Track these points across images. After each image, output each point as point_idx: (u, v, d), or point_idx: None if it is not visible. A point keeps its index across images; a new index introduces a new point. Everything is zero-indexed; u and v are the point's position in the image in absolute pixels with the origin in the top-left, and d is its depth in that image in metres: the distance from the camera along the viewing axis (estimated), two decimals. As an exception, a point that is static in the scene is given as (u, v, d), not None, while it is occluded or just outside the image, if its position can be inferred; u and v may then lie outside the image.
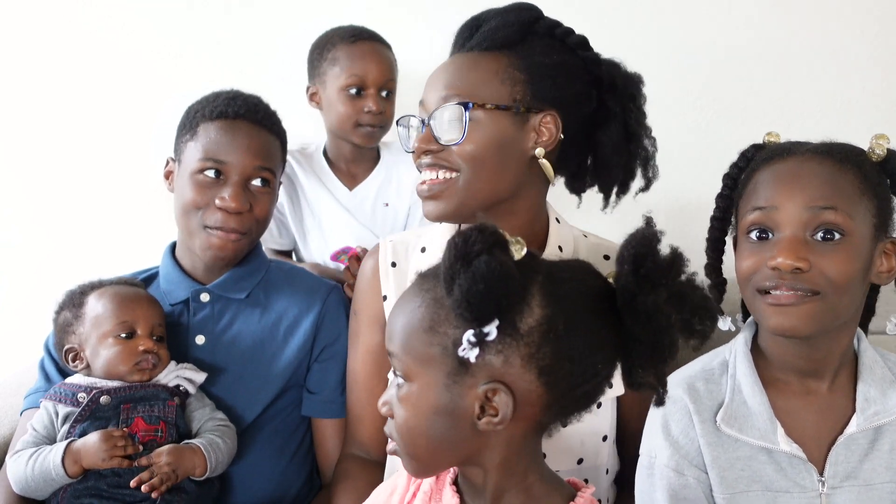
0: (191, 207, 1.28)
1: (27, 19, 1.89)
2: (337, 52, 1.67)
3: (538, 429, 0.80)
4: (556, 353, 0.74)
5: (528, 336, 0.74)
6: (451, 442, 0.78)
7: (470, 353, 0.74)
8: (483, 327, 0.73)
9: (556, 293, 0.76)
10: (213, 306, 1.34)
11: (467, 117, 1.09)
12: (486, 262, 0.71)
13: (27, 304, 1.46)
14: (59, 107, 1.92)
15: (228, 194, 1.26)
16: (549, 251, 1.20)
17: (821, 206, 0.95)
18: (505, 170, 1.11)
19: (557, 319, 0.75)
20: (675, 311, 0.74)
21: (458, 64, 1.13)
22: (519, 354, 0.74)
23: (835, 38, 1.84)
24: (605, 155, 1.16)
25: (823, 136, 1.19)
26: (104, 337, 1.24)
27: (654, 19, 1.84)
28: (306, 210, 1.77)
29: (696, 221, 1.93)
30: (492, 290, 0.71)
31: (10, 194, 1.97)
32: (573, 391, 0.77)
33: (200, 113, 1.30)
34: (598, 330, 0.76)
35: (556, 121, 1.11)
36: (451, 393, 0.76)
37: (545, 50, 1.12)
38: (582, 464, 1.18)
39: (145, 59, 1.90)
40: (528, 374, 0.75)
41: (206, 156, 1.27)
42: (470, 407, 0.76)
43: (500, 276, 0.71)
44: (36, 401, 1.29)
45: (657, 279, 0.75)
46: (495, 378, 0.75)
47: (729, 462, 1.04)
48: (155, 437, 1.20)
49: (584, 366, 0.76)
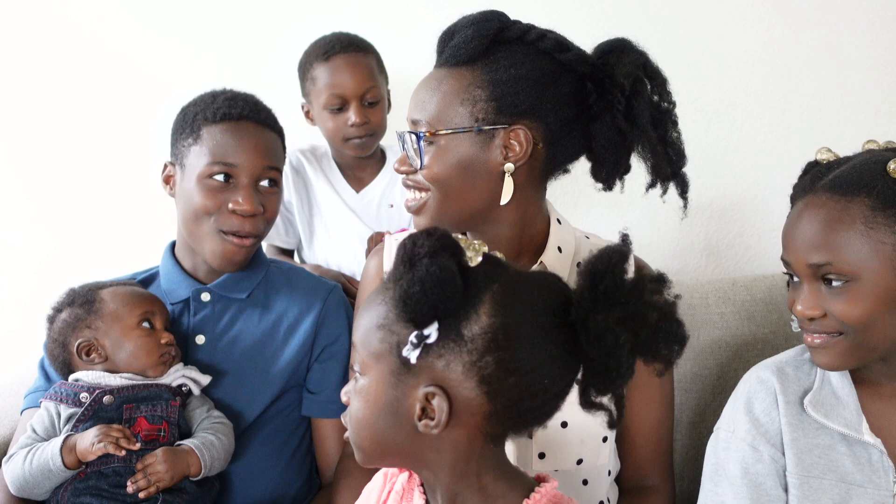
0: (202, 213, 1.27)
1: (27, 20, 1.89)
2: (314, 72, 1.67)
3: (486, 437, 0.78)
4: (499, 363, 0.73)
5: (472, 343, 0.74)
6: (393, 439, 0.78)
7: (411, 354, 0.74)
8: (422, 329, 0.74)
9: (507, 304, 0.75)
10: (213, 306, 1.34)
11: (421, 146, 1.11)
12: (426, 265, 0.72)
13: (27, 304, 1.45)
14: (58, 107, 1.92)
15: (242, 197, 1.26)
16: (548, 252, 1.19)
17: (816, 263, 1.00)
18: (473, 188, 1.12)
19: (504, 330, 0.74)
20: (628, 332, 0.72)
21: (427, 84, 1.14)
22: (461, 361, 0.74)
23: (835, 38, 1.84)
24: (599, 148, 1.14)
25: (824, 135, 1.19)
26: (129, 329, 1.25)
27: (653, 19, 1.84)
28: (315, 208, 1.78)
29: (696, 221, 1.94)
30: (427, 293, 0.72)
31: (10, 194, 1.97)
32: (517, 405, 0.75)
33: (201, 115, 1.29)
34: (547, 346, 0.75)
35: (526, 133, 1.09)
36: (396, 391, 0.77)
37: (511, 61, 1.09)
38: (582, 464, 1.19)
39: (145, 59, 1.89)
40: (469, 382, 0.74)
41: (214, 159, 1.26)
42: (412, 407, 0.76)
43: (437, 280, 0.72)
44: (36, 400, 1.28)
45: (614, 298, 0.73)
46: (435, 382, 0.75)
47: (808, 447, 1.07)
48: (157, 436, 1.20)
49: (529, 380, 0.74)
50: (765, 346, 1.56)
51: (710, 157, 1.90)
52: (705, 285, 1.64)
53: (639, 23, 1.84)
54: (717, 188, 1.92)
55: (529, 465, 1.16)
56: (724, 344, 1.57)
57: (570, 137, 1.13)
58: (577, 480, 1.19)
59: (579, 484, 1.19)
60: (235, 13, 1.88)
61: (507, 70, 1.09)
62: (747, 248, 1.95)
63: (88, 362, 1.25)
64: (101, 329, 1.25)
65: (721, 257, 1.95)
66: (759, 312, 1.59)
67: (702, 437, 1.57)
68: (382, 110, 1.71)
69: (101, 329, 1.25)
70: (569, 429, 1.17)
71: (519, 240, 1.19)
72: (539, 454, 1.16)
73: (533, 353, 0.74)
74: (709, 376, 1.56)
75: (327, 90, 1.65)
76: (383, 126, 1.72)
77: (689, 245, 1.95)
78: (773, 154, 1.90)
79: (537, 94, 1.09)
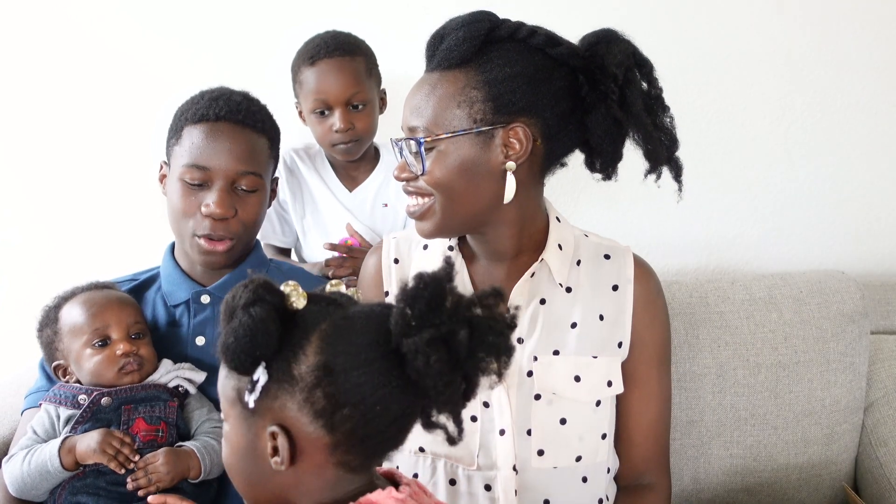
0: (180, 215, 1.28)
1: (27, 20, 1.89)
2: (301, 76, 1.66)
3: (338, 467, 0.80)
4: (329, 397, 0.76)
5: (302, 381, 0.77)
6: (258, 480, 0.82)
7: (248, 399, 0.78)
8: (250, 375, 0.78)
9: (333, 340, 0.77)
10: (213, 308, 1.34)
11: (423, 151, 1.11)
12: (240, 316, 0.76)
13: (27, 304, 1.45)
14: (58, 107, 1.92)
15: (213, 201, 1.25)
16: (549, 250, 1.20)
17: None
18: (477, 189, 1.12)
19: (330, 366, 0.76)
20: (438, 352, 0.74)
21: (421, 89, 1.13)
22: (294, 399, 0.77)
23: (835, 38, 1.84)
24: (595, 139, 1.15)
25: (823, 135, 1.19)
26: (82, 348, 1.23)
27: (653, 19, 1.84)
28: (308, 206, 1.78)
29: (696, 221, 1.94)
30: (240, 342, 0.75)
31: (10, 194, 1.97)
32: (356, 433, 0.77)
33: (185, 115, 1.29)
34: (373, 374, 0.77)
35: (525, 131, 1.10)
36: (249, 434, 0.80)
37: (505, 60, 1.10)
38: (581, 461, 1.19)
39: (145, 59, 1.89)
40: (305, 417, 0.77)
41: (189, 162, 1.26)
42: (265, 447, 0.79)
43: (247, 329, 0.75)
44: (36, 400, 1.29)
45: (426, 321, 0.75)
46: (276, 421, 0.78)
47: None
48: (156, 437, 1.21)
49: (361, 409, 0.76)
50: (764, 345, 1.56)
51: (709, 156, 1.89)
52: (705, 285, 1.64)
53: (639, 23, 1.83)
54: (716, 188, 1.92)
55: (529, 462, 1.17)
56: (723, 343, 1.57)
57: (567, 131, 1.14)
58: (576, 478, 1.19)
59: (578, 481, 1.20)
60: (235, 13, 1.88)
61: (501, 69, 1.09)
62: (747, 249, 1.95)
63: (67, 381, 1.26)
64: (64, 351, 1.26)
65: (721, 257, 1.95)
66: (759, 312, 1.59)
67: (700, 436, 1.58)
68: (370, 114, 1.69)
69: (63, 351, 1.26)
70: (567, 425, 1.17)
71: (519, 238, 1.20)
72: (538, 451, 1.17)
73: (360, 382, 0.76)
74: (707, 375, 1.57)
75: (312, 95, 1.64)
76: (371, 130, 1.71)
77: (688, 245, 1.95)
78: (773, 154, 1.90)
79: (533, 90, 1.10)
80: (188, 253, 1.31)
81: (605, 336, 1.21)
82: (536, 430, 1.17)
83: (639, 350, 1.22)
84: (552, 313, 1.19)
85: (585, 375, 1.18)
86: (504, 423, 1.16)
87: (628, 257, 1.25)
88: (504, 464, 1.16)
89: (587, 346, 1.19)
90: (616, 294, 1.22)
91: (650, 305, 1.24)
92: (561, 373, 1.17)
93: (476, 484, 1.18)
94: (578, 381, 1.18)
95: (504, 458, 1.16)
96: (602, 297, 1.22)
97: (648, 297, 1.24)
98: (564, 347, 1.19)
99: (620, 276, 1.23)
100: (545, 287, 1.21)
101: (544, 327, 1.19)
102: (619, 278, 1.23)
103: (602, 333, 1.21)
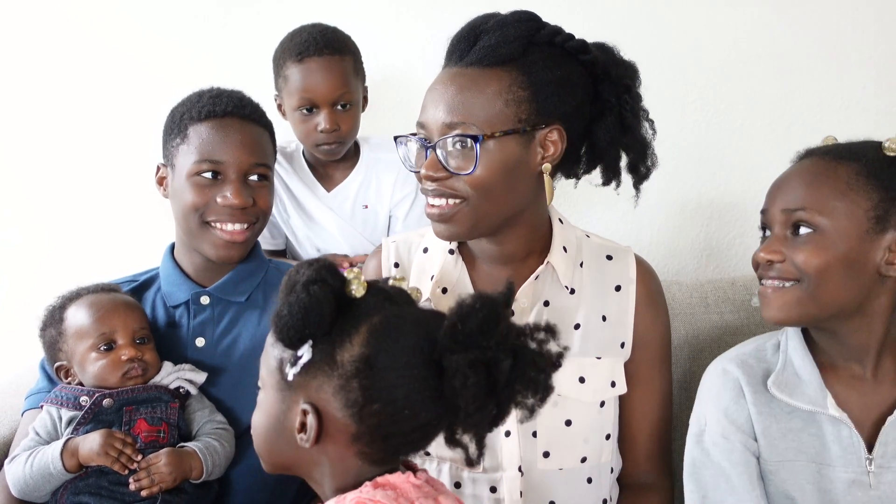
0: (190, 210, 1.27)
1: (27, 20, 1.89)
2: (287, 71, 1.63)
3: (358, 456, 0.82)
4: (364, 390, 0.78)
5: (342, 368, 0.79)
6: (282, 450, 0.85)
7: (289, 371, 0.81)
8: (295, 350, 0.80)
9: (380, 336, 0.79)
10: (213, 309, 1.34)
11: (478, 149, 1.07)
12: (298, 293, 0.78)
13: (27, 304, 1.45)
14: (58, 107, 1.92)
15: (230, 192, 1.26)
16: (554, 253, 1.20)
17: (791, 208, 1.06)
18: (513, 190, 1.11)
19: (370, 360, 0.78)
20: (479, 375, 0.75)
21: (459, 84, 1.09)
22: (331, 383, 0.79)
23: (835, 38, 1.84)
24: (601, 147, 1.17)
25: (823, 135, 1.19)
26: (87, 352, 1.23)
27: (653, 19, 1.84)
28: (291, 207, 1.77)
29: (695, 221, 1.94)
30: (293, 317, 0.78)
31: (10, 194, 1.97)
32: (380, 429, 0.79)
33: (187, 115, 1.30)
34: (411, 379, 0.78)
35: (561, 133, 1.11)
36: (283, 405, 0.83)
37: (547, 62, 1.10)
38: (585, 462, 1.19)
39: (145, 59, 1.89)
40: (337, 403, 0.79)
41: (201, 157, 1.27)
42: (294, 421, 0.82)
43: (303, 306, 0.77)
44: (37, 401, 1.29)
45: (473, 341, 0.76)
46: (310, 400, 0.81)
47: (780, 432, 1.10)
48: (157, 438, 1.21)
49: (391, 409, 0.78)
50: (764, 346, 1.56)
51: (710, 157, 1.89)
52: (705, 285, 1.64)
53: (639, 22, 1.84)
54: (717, 188, 1.91)
55: (534, 464, 1.17)
56: (723, 344, 1.56)
57: (583, 136, 1.16)
58: (581, 479, 1.20)
59: (583, 482, 1.20)
60: (235, 13, 1.88)
61: (545, 72, 1.09)
62: (747, 249, 1.95)
63: (68, 384, 1.26)
64: (68, 353, 1.25)
65: (721, 257, 1.95)
66: (759, 313, 1.58)
67: (701, 437, 1.57)
68: (355, 115, 1.67)
69: (67, 353, 1.25)
70: (573, 427, 1.17)
71: (529, 241, 1.20)
72: (543, 453, 1.17)
73: (396, 384, 0.78)
74: (708, 376, 1.56)
75: (298, 93, 1.62)
76: (354, 131, 1.69)
77: (688, 245, 1.95)
78: (774, 154, 1.89)
79: (571, 95, 1.11)
80: (202, 249, 1.30)
81: (607, 337, 1.21)
82: (542, 431, 1.17)
83: (641, 350, 1.23)
84: (556, 315, 1.19)
85: (590, 376, 1.18)
86: (510, 424, 1.16)
87: (630, 258, 1.25)
88: (509, 465, 1.16)
89: (591, 347, 1.20)
90: (618, 295, 1.22)
91: (652, 305, 1.24)
92: (566, 374, 1.16)
93: (481, 486, 1.17)
94: (583, 382, 1.18)
95: (509, 459, 1.16)
96: (605, 297, 1.22)
97: (650, 297, 1.24)
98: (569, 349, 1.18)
99: (622, 276, 1.23)
100: (549, 289, 1.21)
101: None
102: (621, 279, 1.23)
103: (605, 334, 1.21)
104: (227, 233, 1.28)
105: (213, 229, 1.28)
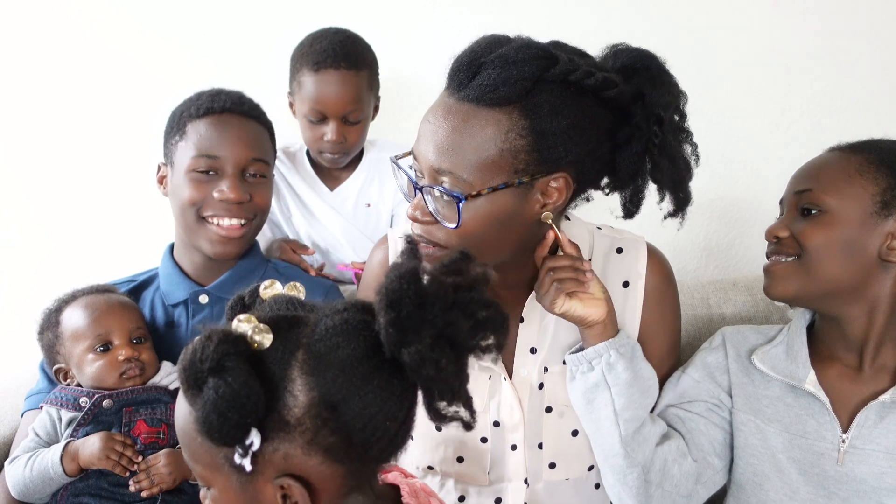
0: (188, 205, 1.28)
1: (27, 20, 1.89)
2: (302, 77, 1.63)
3: (351, 490, 0.75)
4: (335, 432, 0.70)
5: (301, 426, 0.69)
6: None
7: (245, 462, 0.69)
8: (241, 444, 0.69)
9: (319, 371, 0.69)
10: (211, 308, 1.34)
11: (460, 207, 0.97)
12: (215, 387, 0.65)
13: (27, 304, 1.45)
14: (58, 107, 1.92)
15: (227, 186, 1.27)
16: None
17: (801, 189, 1.11)
18: (505, 241, 1.03)
19: (327, 399, 0.69)
20: (443, 349, 0.67)
21: (453, 124, 0.98)
22: (297, 445, 0.70)
23: (835, 38, 1.84)
24: (622, 178, 1.08)
25: (823, 135, 1.20)
26: (84, 353, 1.23)
27: (654, 19, 1.84)
28: (293, 205, 1.77)
29: (696, 221, 1.94)
30: (227, 417, 0.66)
31: (10, 194, 1.97)
32: (367, 453, 0.72)
33: (186, 113, 1.31)
34: (374, 392, 0.70)
35: (567, 180, 1.00)
36: (248, 492, 0.72)
37: (555, 107, 0.96)
38: (592, 470, 1.19)
39: (145, 59, 1.89)
40: (313, 459, 0.70)
41: (198, 153, 1.27)
42: (271, 499, 0.72)
43: (229, 402, 0.65)
44: (37, 402, 1.29)
45: (420, 320, 0.68)
46: (282, 471, 0.70)
47: (755, 394, 1.15)
48: (157, 439, 1.21)
49: (369, 430, 0.70)
50: (765, 346, 1.56)
51: (710, 157, 1.88)
52: (705, 285, 1.64)
53: (639, 22, 1.84)
54: (717, 188, 1.91)
55: (540, 475, 1.16)
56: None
57: (600, 170, 1.07)
58: (588, 485, 1.19)
59: (592, 488, 1.20)
60: (234, 13, 1.88)
61: (551, 120, 0.96)
62: (747, 249, 1.95)
63: (67, 386, 1.26)
64: (65, 355, 1.26)
65: (721, 257, 1.95)
66: (760, 313, 1.58)
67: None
68: (363, 129, 1.68)
69: (65, 355, 1.26)
70: (579, 437, 1.16)
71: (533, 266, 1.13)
72: (550, 464, 1.16)
73: (363, 405, 0.70)
74: (709, 377, 1.56)
75: (310, 102, 1.62)
76: (360, 143, 1.70)
77: (689, 245, 1.95)
78: (773, 154, 1.89)
79: (582, 140, 0.99)
80: (200, 245, 1.31)
81: None
82: (548, 443, 1.15)
83: (648, 344, 1.17)
84: (561, 323, 1.14)
85: None
86: (516, 438, 1.14)
87: (641, 249, 1.19)
88: (515, 477, 1.15)
89: None
90: (626, 291, 1.17)
91: (661, 298, 1.18)
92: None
93: (486, 498, 1.16)
94: None
95: (515, 471, 1.15)
96: (611, 294, 1.17)
97: (659, 290, 1.18)
98: None
99: (631, 271, 1.18)
100: None
101: (554, 338, 1.15)
102: (629, 274, 1.18)
103: None
104: (223, 228, 1.28)
105: (210, 224, 1.29)
